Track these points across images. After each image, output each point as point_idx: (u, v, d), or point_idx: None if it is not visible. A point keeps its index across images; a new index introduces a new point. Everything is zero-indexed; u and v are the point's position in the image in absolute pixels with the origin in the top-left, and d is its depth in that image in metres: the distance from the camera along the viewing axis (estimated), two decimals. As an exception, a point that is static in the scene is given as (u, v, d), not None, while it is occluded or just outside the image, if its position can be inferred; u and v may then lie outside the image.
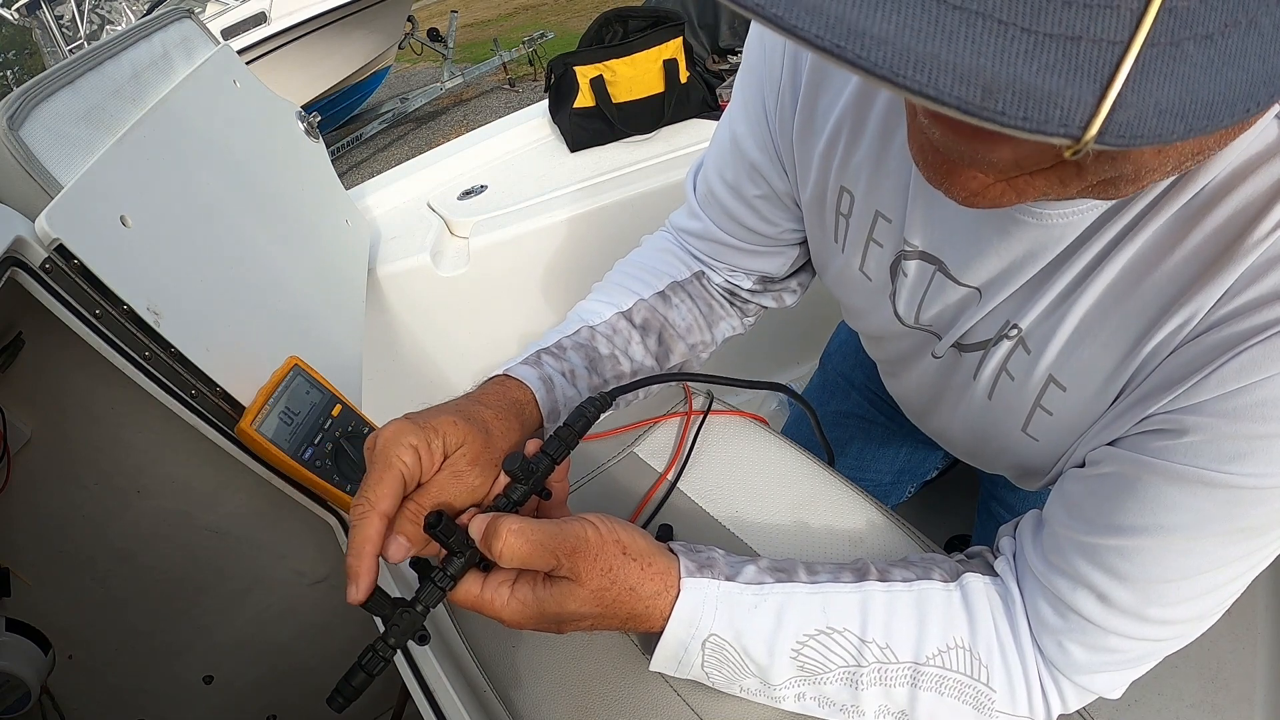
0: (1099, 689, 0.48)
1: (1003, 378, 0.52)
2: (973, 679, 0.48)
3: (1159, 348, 0.42)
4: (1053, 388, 0.49)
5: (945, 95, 0.20)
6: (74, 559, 0.83)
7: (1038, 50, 0.20)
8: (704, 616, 0.48)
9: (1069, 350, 0.47)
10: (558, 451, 0.50)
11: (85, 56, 0.83)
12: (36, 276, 0.60)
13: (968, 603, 0.50)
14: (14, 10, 8.47)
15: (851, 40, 0.20)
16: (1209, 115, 0.21)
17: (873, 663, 0.48)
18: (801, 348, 1.66)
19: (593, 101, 1.51)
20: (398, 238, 1.42)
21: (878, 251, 0.57)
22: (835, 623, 0.48)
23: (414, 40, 6.76)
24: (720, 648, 0.48)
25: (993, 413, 0.55)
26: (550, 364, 0.60)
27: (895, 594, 0.49)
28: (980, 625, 0.49)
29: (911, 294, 0.56)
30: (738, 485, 0.67)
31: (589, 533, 0.47)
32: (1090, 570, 0.45)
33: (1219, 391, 0.38)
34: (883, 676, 0.48)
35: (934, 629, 0.48)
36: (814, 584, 0.50)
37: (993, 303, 0.50)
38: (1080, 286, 0.45)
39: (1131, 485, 0.42)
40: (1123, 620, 0.45)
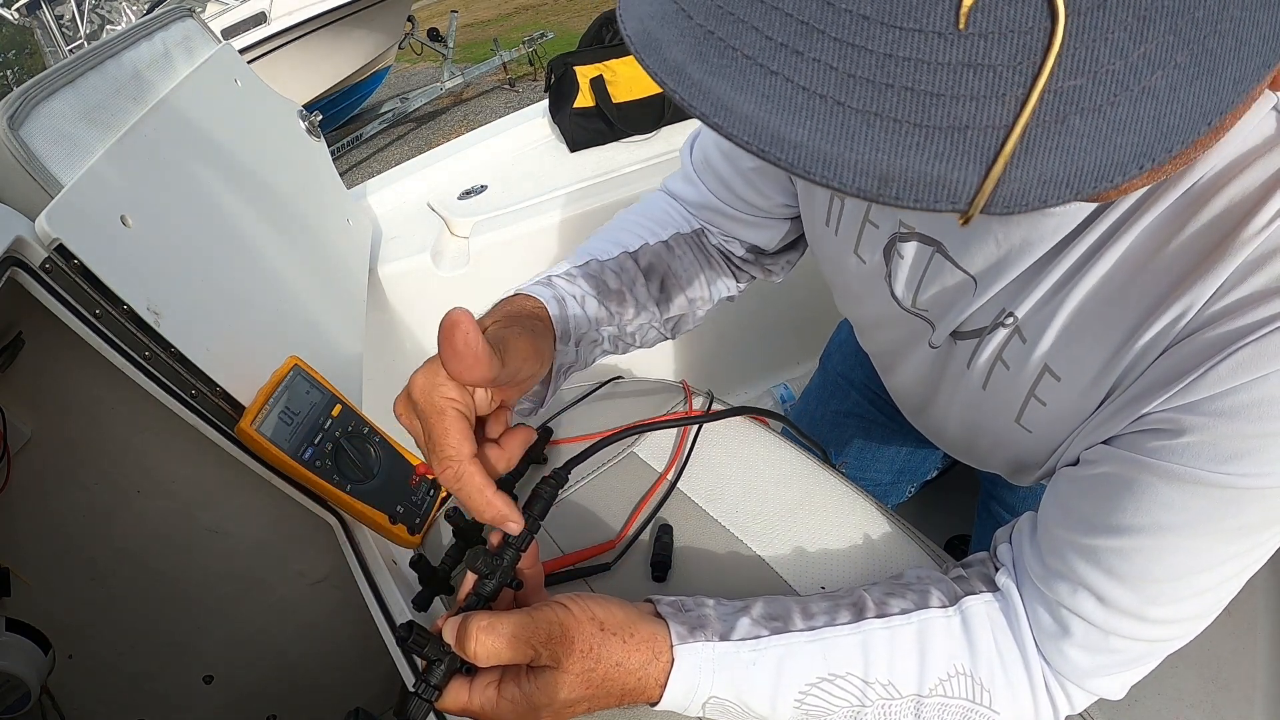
0: (1102, 691, 0.48)
1: (998, 367, 0.52)
2: (974, 703, 0.48)
3: (1153, 342, 0.42)
4: (1047, 377, 0.48)
5: (847, 187, 0.23)
6: (74, 559, 0.83)
7: (927, 142, 0.23)
8: (701, 683, 0.46)
9: (1064, 340, 0.46)
10: (522, 541, 0.47)
11: (85, 56, 0.83)
12: (36, 276, 0.60)
13: (968, 628, 0.49)
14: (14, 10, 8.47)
15: (773, 145, 0.24)
16: (1096, 179, 0.23)
17: (876, 701, 0.47)
18: (801, 347, 1.66)
19: (593, 101, 1.51)
20: (398, 238, 1.42)
21: (872, 233, 0.57)
22: (837, 668, 0.47)
23: (414, 40, 6.76)
24: (722, 706, 0.47)
25: (987, 404, 0.55)
26: (562, 285, 0.60)
27: (895, 629, 0.48)
28: (980, 650, 0.48)
29: (910, 276, 0.56)
30: (737, 485, 0.67)
31: (562, 616, 0.45)
32: (1089, 572, 0.44)
33: (1214, 390, 0.38)
34: (886, 713, 0.47)
35: (935, 659, 0.48)
36: (811, 630, 0.48)
37: (989, 291, 0.50)
38: (1077, 276, 0.44)
39: (1128, 485, 0.42)
40: (1123, 621, 0.44)
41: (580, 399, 0.81)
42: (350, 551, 0.76)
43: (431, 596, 0.66)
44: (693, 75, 0.25)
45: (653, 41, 0.26)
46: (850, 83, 0.23)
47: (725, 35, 0.24)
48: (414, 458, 0.79)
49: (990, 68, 0.22)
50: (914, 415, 0.72)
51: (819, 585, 0.59)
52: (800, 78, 0.23)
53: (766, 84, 0.23)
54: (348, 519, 0.77)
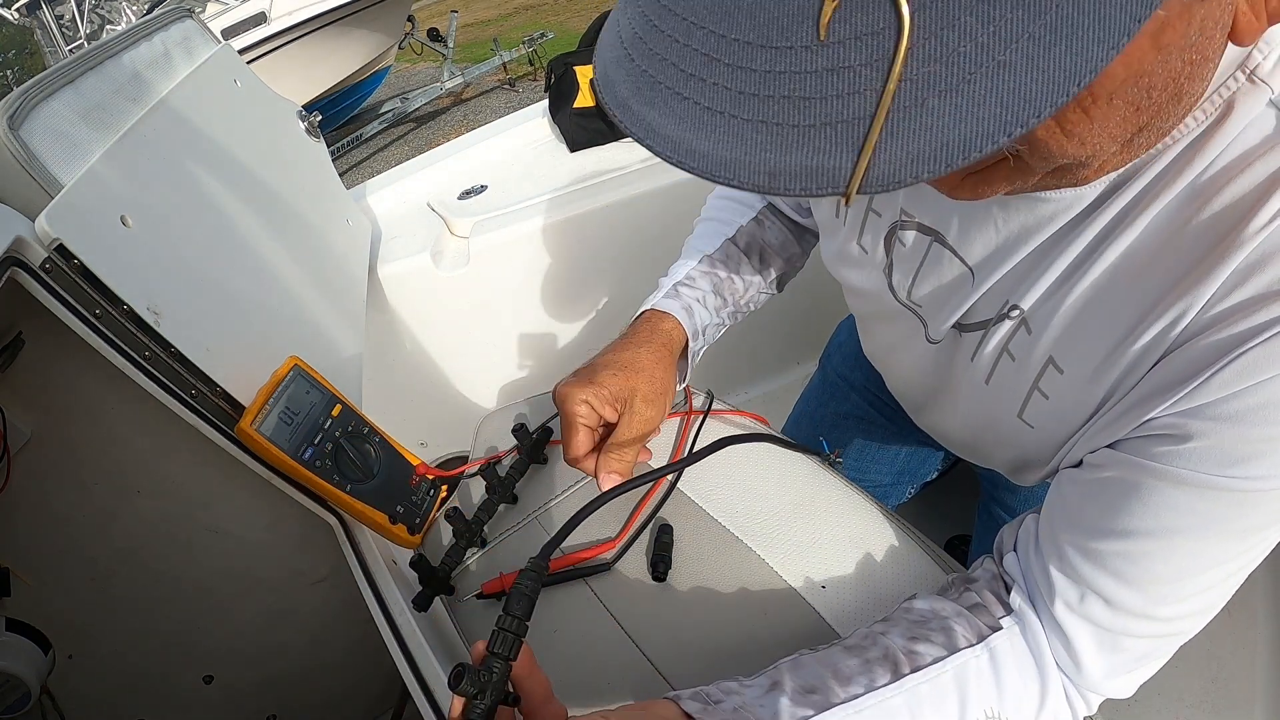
0: (1115, 691, 0.48)
1: (1003, 359, 0.52)
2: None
3: (1154, 342, 0.42)
4: (1051, 370, 0.48)
5: (745, 185, 0.28)
6: (74, 559, 0.83)
7: (804, 140, 0.26)
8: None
9: (1068, 332, 0.47)
10: (510, 648, 0.43)
11: (85, 56, 0.83)
12: (37, 276, 0.60)
13: (996, 666, 0.48)
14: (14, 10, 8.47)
15: (686, 157, 0.29)
16: (963, 152, 0.25)
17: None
18: (801, 348, 1.66)
19: (593, 101, 1.51)
20: (398, 238, 1.42)
21: (875, 222, 0.58)
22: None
23: (414, 40, 6.76)
24: None
25: (990, 398, 0.55)
26: (687, 293, 0.72)
27: (934, 680, 0.47)
28: (1008, 686, 0.48)
29: (907, 266, 0.57)
30: (738, 485, 0.67)
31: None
32: (1095, 575, 0.45)
33: (1220, 395, 0.38)
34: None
35: (972, 705, 0.47)
36: (854, 701, 0.46)
37: (989, 280, 0.50)
38: (1082, 267, 0.45)
39: (1135, 489, 0.42)
40: (1131, 621, 0.45)
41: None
42: (350, 551, 0.76)
43: (431, 596, 0.66)
44: (633, 107, 0.30)
45: (609, 83, 0.32)
46: (740, 99, 0.27)
47: (653, 71, 0.29)
48: (414, 458, 0.79)
49: (850, 68, 0.25)
50: (916, 412, 0.73)
51: (819, 585, 0.59)
52: (704, 99, 0.28)
53: (681, 108, 0.28)
54: (348, 519, 0.77)
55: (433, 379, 1.47)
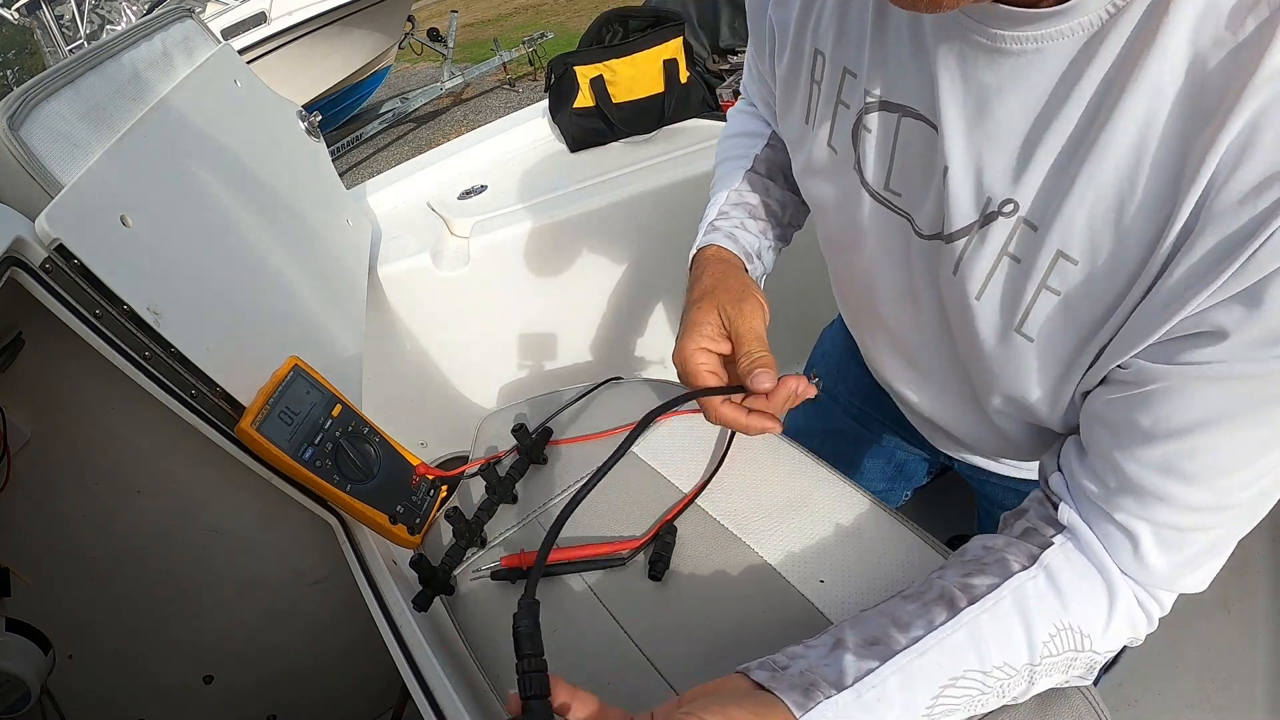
0: (1188, 586, 0.47)
1: (1001, 266, 0.48)
2: (1077, 651, 0.48)
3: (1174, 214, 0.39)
4: (1061, 263, 0.45)
5: None
6: (74, 559, 0.83)
7: None
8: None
9: (1077, 217, 0.43)
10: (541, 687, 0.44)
11: (85, 56, 0.83)
12: (36, 276, 0.60)
13: (1054, 582, 0.48)
14: (14, 10, 8.47)
15: None
16: None
17: (995, 683, 0.47)
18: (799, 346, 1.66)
19: (593, 101, 1.51)
20: (398, 238, 1.42)
21: (844, 115, 0.56)
22: (955, 670, 0.46)
23: (414, 40, 6.76)
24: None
25: (982, 316, 0.50)
26: (724, 225, 0.73)
27: (993, 608, 0.47)
28: (1071, 599, 0.47)
29: (879, 154, 0.54)
30: (737, 484, 0.67)
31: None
32: (1155, 480, 0.43)
33: (1253, 280, 0.36)
34: (1002, 689, 0.47)
35: (1037, 625, 0.47)
36: (915, 644, 0.46)
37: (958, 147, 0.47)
38: (1082, 146, 0.42)
39: (1180, 393, 0.41)
40: (1195, 516, 0.44)
41: (579, 398, 0.81)
42: (350, 551, 0.76)
43: (432, 597, 0.66)
44: None
45: None
46: None
47: None
48: (414, 458, 0.79)
49: None
50: (891, 370, 0.69)
51: (817, 580, 0.59)
52: None
53: None
54: (348, 519, 0.77)
55: (433, 379, 1.47)
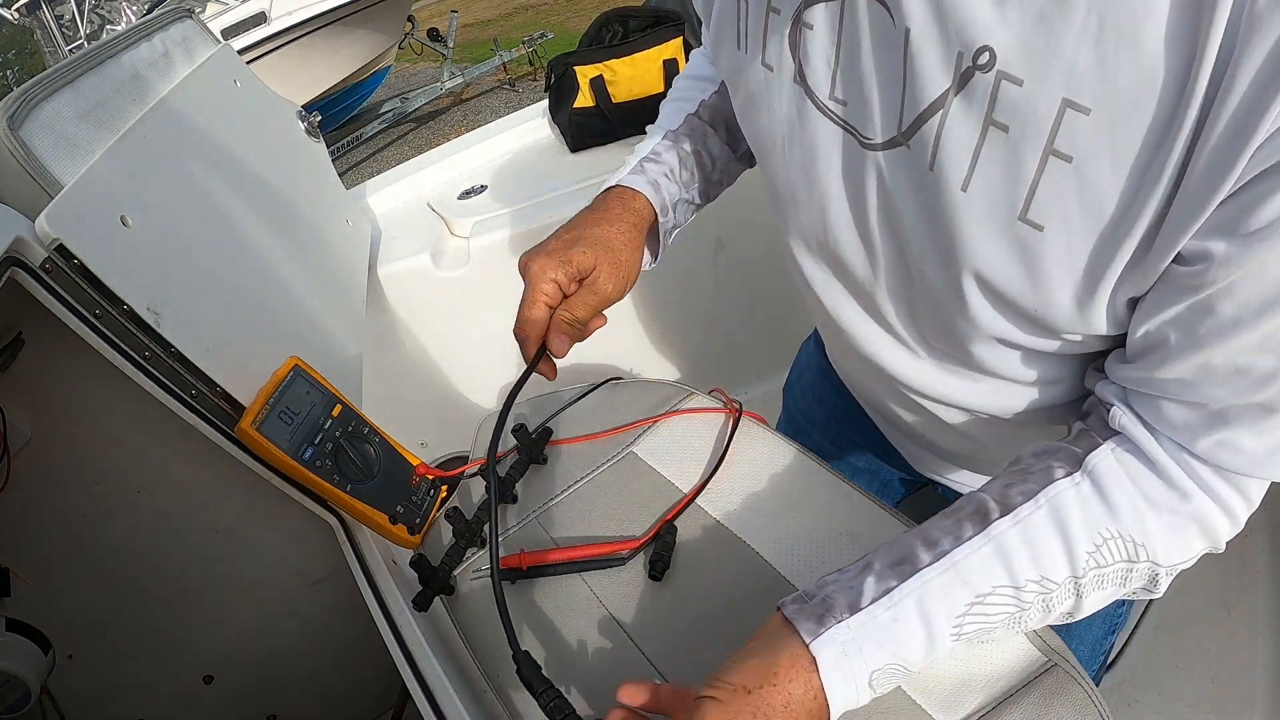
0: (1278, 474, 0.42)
1: (989, 140, 0.40)
2: (1132, 561, 0.43)
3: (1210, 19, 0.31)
4: (1070, 114, 0.36)
5: None
6: (74, 559, 0.83)
7: None
8: (854, 667, 0.43)
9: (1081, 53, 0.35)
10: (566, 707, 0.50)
11: (85, 56, 0.83)
12: (37, 276, 0.60)
13: (1100, 487, 0.44)
14: (14, 10, 8.47)
15: None
16: None
17: (1033, 600, 0.43)
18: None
19: (593, 101, 1.51)
20: (398, 238, 1.42)
21: (778, 23, 0.50)
22: (982, 587, 0.43)
23: (414, 40, 6.76)
24: (888, 674, 0.44)
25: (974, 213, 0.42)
26: (652, 169, 0.69)
27: (1025, 521, 0.44)
28: (1121, 505, 0.43)
29: (824, 52, 0.47)
30: (738, 484, 0.67)
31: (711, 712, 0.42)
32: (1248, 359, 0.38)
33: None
34: (1045, 604, 0.44)
35: (1078, 535, 0.43)
36: (939, 561, 0.44)
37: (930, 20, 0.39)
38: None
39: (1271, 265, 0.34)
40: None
41: (579, 399, 0.81)
42: (350, 551, 0.76)
43: (431, 597, 0.66)
44: None
45: None
46: None
47: None
48: (414, 458, 0.79)
49: None
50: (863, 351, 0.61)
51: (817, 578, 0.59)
52: None
53: None
54: (348, 519, 0.77)
55: (433, 379, 1.47)
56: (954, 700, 0.50)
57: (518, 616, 0.63)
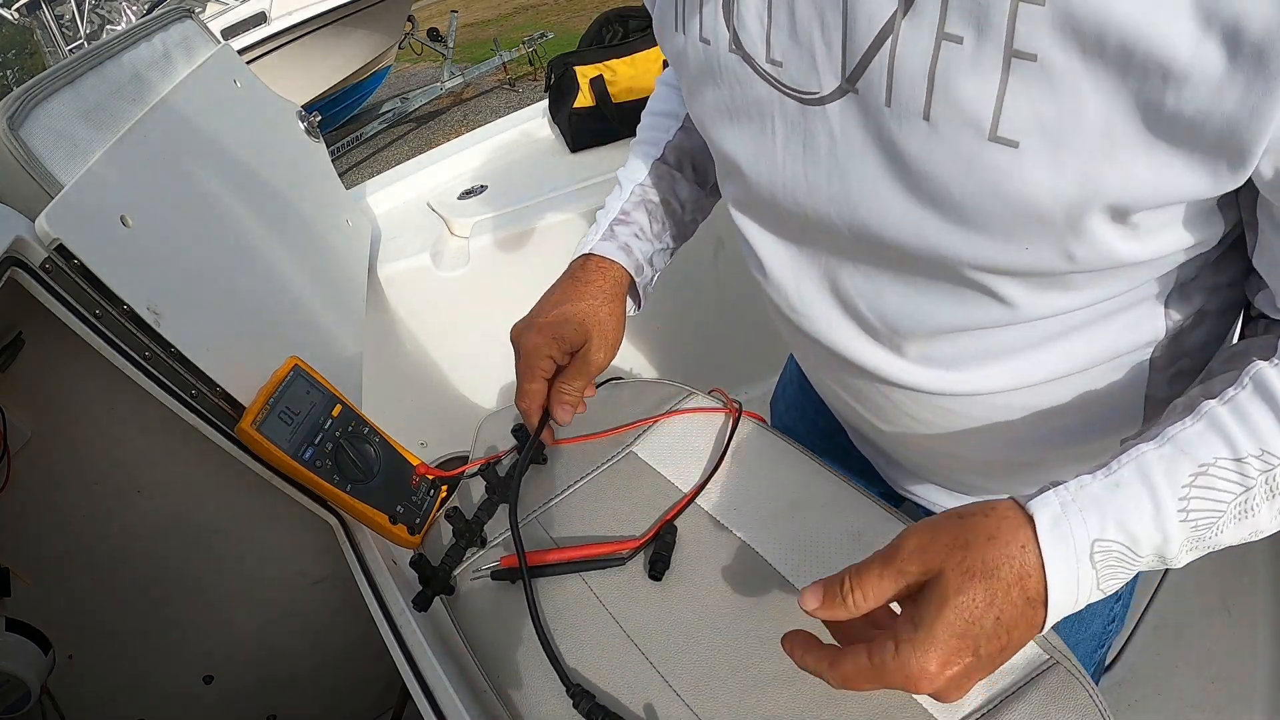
0: None
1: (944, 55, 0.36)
2: None
3: None
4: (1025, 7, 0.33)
5: None
6: (74, 559, 0.83)
7: None
8: (1074, 528, 0.39)
9: None
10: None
11: (85, 56, 0.83)
12: (37, 276, 0.60)
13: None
14: (14, 10, 8.47)
15: None
16: None
17: (1257, 475, 0.39)
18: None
19: (593, 101, 1.51)
20: (398, 238, 1.42)
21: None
22: (1204, 457, 0.39)
23: (414, 40, 6.77)
24: (1109, 551, 0.39)
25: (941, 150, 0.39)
26: (622, 232, 0.70)
27: (1235, 400, 0.40)
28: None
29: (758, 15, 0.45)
30: (738, 484, 0.67)
31: (910, 530, 0.41)
32: None
33: None
34: (1270, 484, 0.39)
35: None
36: (1156, 439, 0.41)
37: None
38: None
39: None
40: None
41: (580, 399, 0.81)
42: (350, 551, 0.76)
43: (431, 597, 0.66)
44: None
45: None
46: None
47: None
48: (414, 458, 0.79)
49: None
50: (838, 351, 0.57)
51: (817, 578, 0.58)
52: None
53: None
54: (348, 519, 0.77)
55: (433, 379, 1.47)
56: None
57: (518, 617, 0.62)
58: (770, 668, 0.53)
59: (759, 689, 0.53)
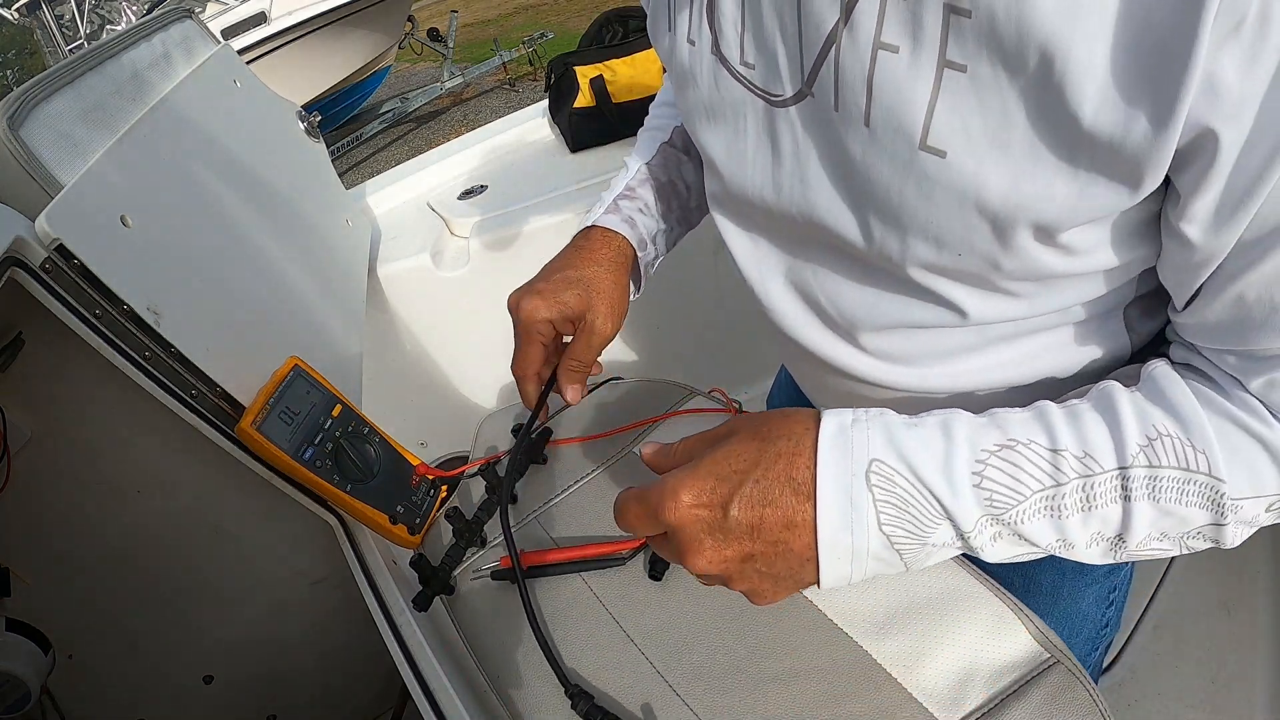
0: None
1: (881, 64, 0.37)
2: (1189, 471, 0.37)
3: None
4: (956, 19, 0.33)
5: None
6: (74, 559, 0.83)
7: None
8: (854, 437, 0.39)
9: None
10: None
11: (85, 56, 0.83)
12: (37, 276, 0.60)
13: (1160, 388, 0.39)
14: (14, 10, 8.47)
15: None
16: None
17: (1073, 478, 0.38)
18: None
19: (593, 101, 1.51)
20: (398, 238, 1.42)
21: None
22: (1017, 435, 0.39)
23: (414, 40, 6.77)
24: (889, 480, 0.38)
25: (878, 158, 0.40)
26: (627, 206, 0.69)
27: (1075, 407, 0.40)
28: (1183, 405, 0.38)
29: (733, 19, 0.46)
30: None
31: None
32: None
33: None
34: (1087, 492, 0.38)
35: (1129, 423, 0.38)
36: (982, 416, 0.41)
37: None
38: None
39: None
40: None
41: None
42: (350, 551, 0.76)
43: (431, 597, 0.66)
44: None
45: None
46: None
47: None
48: (414, 458, 0.79)
49: None
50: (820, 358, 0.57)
51: (819, 585, 0.59)
52: None
53: None
54: (348, 519, 0.77)
55: (433, 379, 1.47)
56: (955, 698, 0.50)
57: (518, 617, 0.62)
58: (770, 668, 0.53)
59: (759, 689, 0.53)
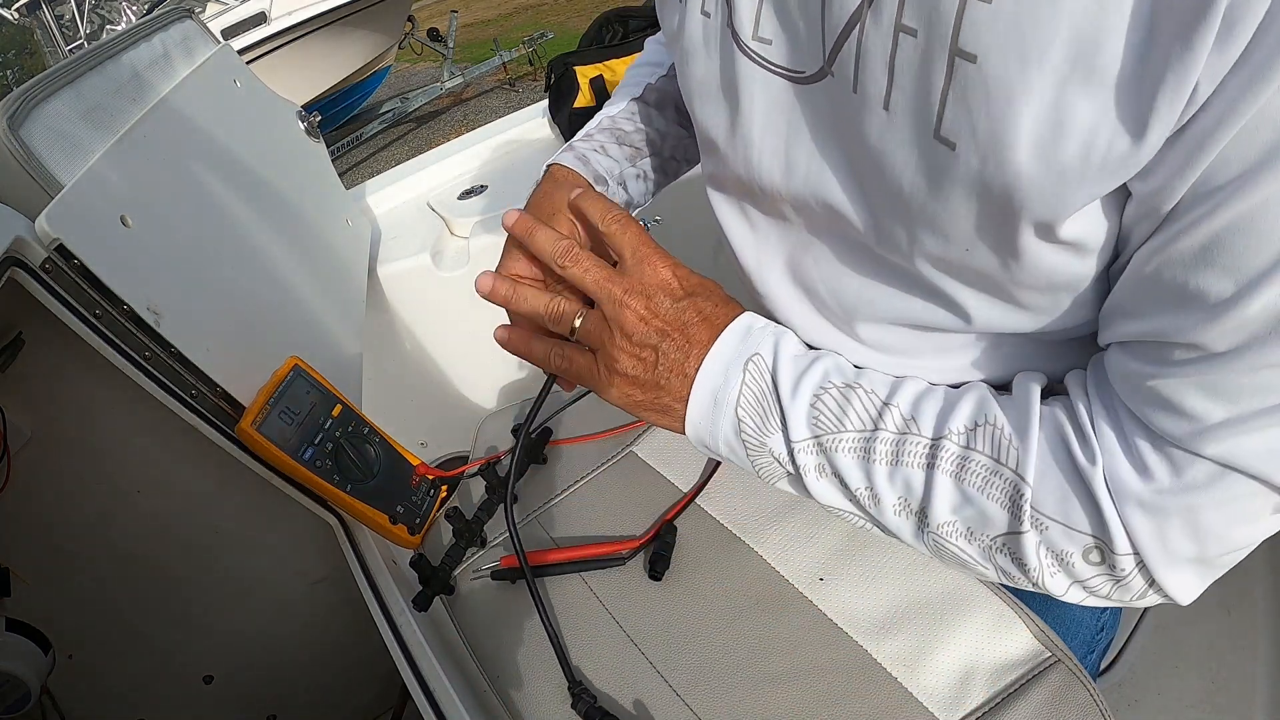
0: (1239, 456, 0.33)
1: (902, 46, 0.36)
2: (998, 463, 0.39)
3: None
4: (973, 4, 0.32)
5: None
6: (74, 559, 0.83)
7: None
8: (754, 326, 0.48)
9: None
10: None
11: (85, 56, 0.83)
12: (37, 276, 0.60)
13: (1019, 393, 0.42)
14: (14, 10, 8.48)
15: None
16: None
17: (891, 431, 0.42)
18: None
19: (593, 101, 1.51)
20: (398, 238, 1.42)
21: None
22: (864, 383, 0.46)
23: (414, 40, 6.77)
24: (759, 377, 0.47)
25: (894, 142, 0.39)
26: (581, 146, 0.69)
27: (936, 389, 0.45)
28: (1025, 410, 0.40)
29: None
30: (738, 484, 0.67)
31: None
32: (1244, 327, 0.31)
33: None
34: (899, 451, 0.42)
35: (964, 409, 0.42)
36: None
37: None
38: None
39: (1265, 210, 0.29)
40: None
41: (579, 398, 0.81)
42: (350, 551, 0.76)
43: (432, 597, 0.66)
44: None
45: None
46: None
47: None
48: (414, 458, 0.79)
49: None
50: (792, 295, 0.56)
51: (817, 578, 0.59)
52: None
53: None
54: (348, 519, 0.77)
55: (433, 379, 1.47)
56: (956, 697, 0.50)
57: (518, 616, 0.63)
58: (770, 668, 0.54)
59: (759, 689, 0.53)
